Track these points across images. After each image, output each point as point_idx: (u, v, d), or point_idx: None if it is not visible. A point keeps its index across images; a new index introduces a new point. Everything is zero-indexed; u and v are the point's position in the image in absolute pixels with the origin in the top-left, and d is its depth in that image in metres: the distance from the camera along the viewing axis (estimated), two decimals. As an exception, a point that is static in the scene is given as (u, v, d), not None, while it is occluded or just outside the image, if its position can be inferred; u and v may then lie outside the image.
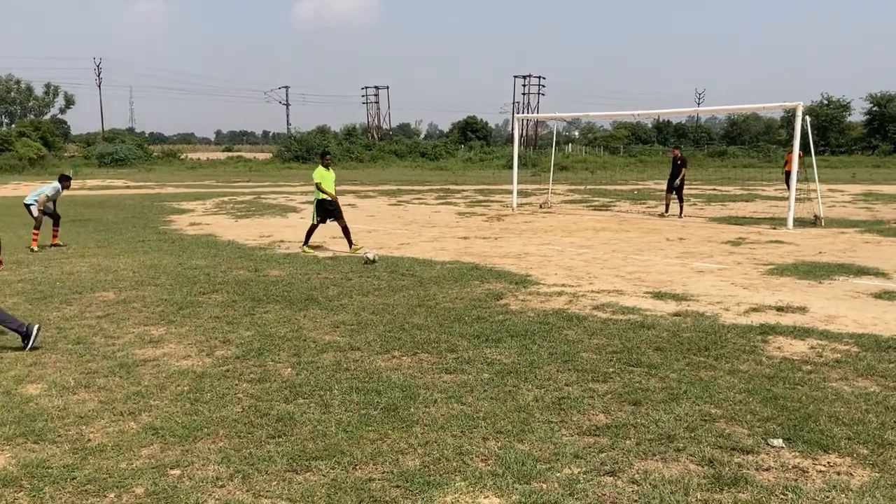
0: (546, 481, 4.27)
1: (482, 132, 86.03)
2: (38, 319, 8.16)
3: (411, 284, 10.14)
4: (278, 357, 6.77)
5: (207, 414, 5.35)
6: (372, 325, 7.87)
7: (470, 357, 6.69)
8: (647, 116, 33.47)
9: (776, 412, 5.31)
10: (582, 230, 17.30)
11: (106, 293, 9.67)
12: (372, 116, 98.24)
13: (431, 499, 4.08)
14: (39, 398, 5.72)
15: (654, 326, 7.78)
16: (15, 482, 4.30)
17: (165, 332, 7.68)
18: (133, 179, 42.63)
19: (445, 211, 22.55)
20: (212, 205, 24.95)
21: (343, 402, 5.57)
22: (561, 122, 45.83)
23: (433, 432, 5.00)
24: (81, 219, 19.66)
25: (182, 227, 17.95)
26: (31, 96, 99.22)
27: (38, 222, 14.04)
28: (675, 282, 10.46)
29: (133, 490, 4.21)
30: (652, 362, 6.51)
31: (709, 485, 4.23)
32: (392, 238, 15.79)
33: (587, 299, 9.23)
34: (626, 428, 5.05)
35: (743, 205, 24.11)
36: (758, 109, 29.77)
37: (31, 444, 4.87)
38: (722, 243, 14.71)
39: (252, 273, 11.14)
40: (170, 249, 13.79)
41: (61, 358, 6.78)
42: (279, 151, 69.11)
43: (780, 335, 7.48)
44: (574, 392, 5.76)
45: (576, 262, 12.42)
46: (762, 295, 9.52)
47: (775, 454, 4.64)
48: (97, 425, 5.18)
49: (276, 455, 4.64)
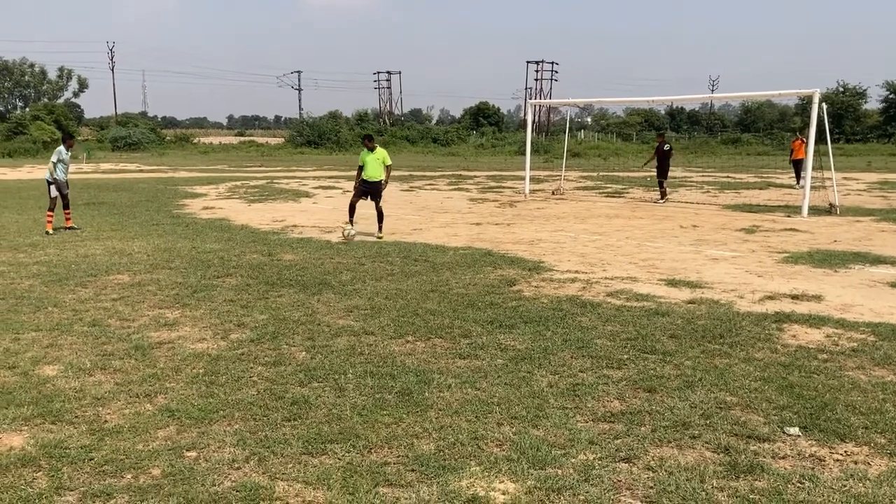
0: (561, 467, 4.27)
1: (494, 118, 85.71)
2: (54, 302, 8.22)
3: (424, 270, 10.14)
4: (293, 341, 6.78)
5: (223, 396, 5.37)
6: (385, 310, 7.87)
7: (483, 343, 6.69)
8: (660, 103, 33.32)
9: (792, 400, 5.29)
10: (595, 217, 17.23)
11: (121, 276, 9.71)
12: (384, 102, 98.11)
13: (446, 483, 4.09)
14: (56, 379, 5.75)
15: (668, 314, 7.75)
16: (33, 462, 4.34)
17: (180, 315, 7.71)
18: (146, 163, 42.77)
19: (457, 197, 22.51)
20: (225, 189, 25.00)
21: (357, 386, 5.58)
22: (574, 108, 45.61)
23: (448, 417, 5.00)
24: (95, 202, 19.74)
25: (195, 211, 17.99)
26: (45, 80, 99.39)
27: (52, 204, 14.07)
28: (689, 269, 10.41)
29: (150, 471, 4.24)
30: (666, 349, 6.49)
31: (725, 472, 4.21)
32: (404, 224, 15.78)
33: (601, 286, 9.20)
34: (641, 415, 5.04)
35: (757, 192, 23.95)
36: (772, 96, 29.48)
37: (48, 424, 4.90)
38: (736, 231, 14.63)
39: (266, 257, 11.17)
40: (183, 233, 13.83)
41: (77, 340, 6.82)
42: (291, 136, 69.08)
43: (795, 323, 7.44)
44: (588, 378, 5.75)
45: (589, 248, 12.39)
46: (777, 283, 9.47)
47: (792, 442, 4.62)
48: (113, 407, 5.21)
49: (291, 438, 4.65)
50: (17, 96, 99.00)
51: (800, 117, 71.57)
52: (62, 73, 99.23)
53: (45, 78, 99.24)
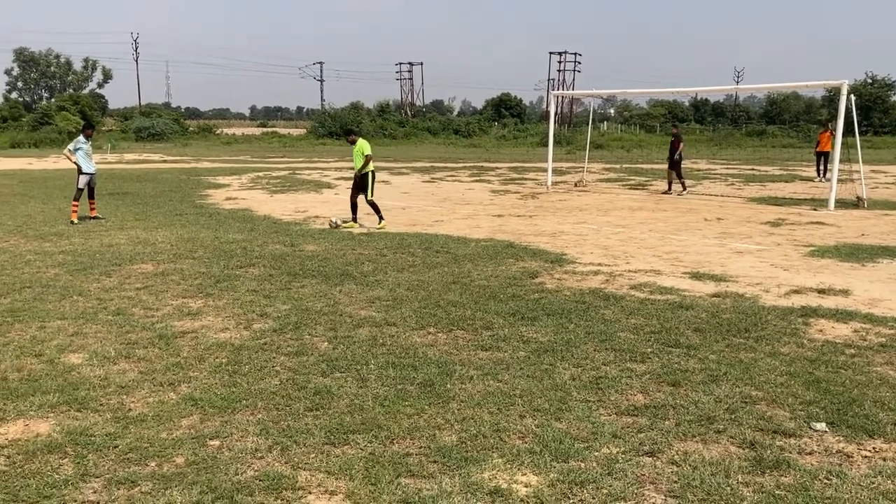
0: (584, 460, 4.24)
1: (516, 109, 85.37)
2: (79, 291, 8.30)
3: (446, 261, 10.12)
4: (315, 331, 6.80)
5: (246, 386, 5.40)
6: (407, 301, 7.87)
7: (506, 335, 6.67)
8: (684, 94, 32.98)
9: (819, 396, 5.22)
10: (618, 209, 17.12)
11: (144, 265, 9.78)
12: (405, 93, 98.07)
13: (468, 475, 4.07)
14: (81, 367, 5.81)
15: (692, 307, 7.68)
16: (59, 449, 4.38)
17: (203, 305, 7.75)
18: (169, 154, 43.06)
19: (479, 188, 22.46)
20: (247, 180, 25.11)
21: (379, 377, 5.58)
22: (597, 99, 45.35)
23: (470, 409, 4.99)
24: (120, 192, 19.91)
25: (218, 202, 18.09)
26: (70, 71, 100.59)
27: (78, 194, 14.20)
28: (713, 262, 10.32)
29: (173, 459, 4.26)
30: (691, 343, 6.44)
31: (750, 467, 4.17)
32: (426, 215, 15.77)
33: (624, 279, 9.14)
34: (665, 408, 5.00)
35: (782, 185, 23.68)
36: (799, 88, 29.14)
37: (74, 412, 4.94)
38: (761, 224, 14.47)
39: (288, 248, 11.20)
40: (207, 223, 13.91)
41: (102, 329, 6.88)
42: (313, 127, 69.27)
43: (821, 318, 7.34)
44: (612, 372, 5.71)
45: (612, 241, 12.31)
46: (803, 277, 9.35)
47: (818, 438, 4.56)
48: (138, 395, 5.24)
49: (314, 428, 4.66)
50: (43, 87, 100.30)
51: (827, 109, 70.68)
52: (87, 64, 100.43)
53: (70, 69, 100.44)
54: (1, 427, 4.70)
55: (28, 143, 50.17)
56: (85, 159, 14.34)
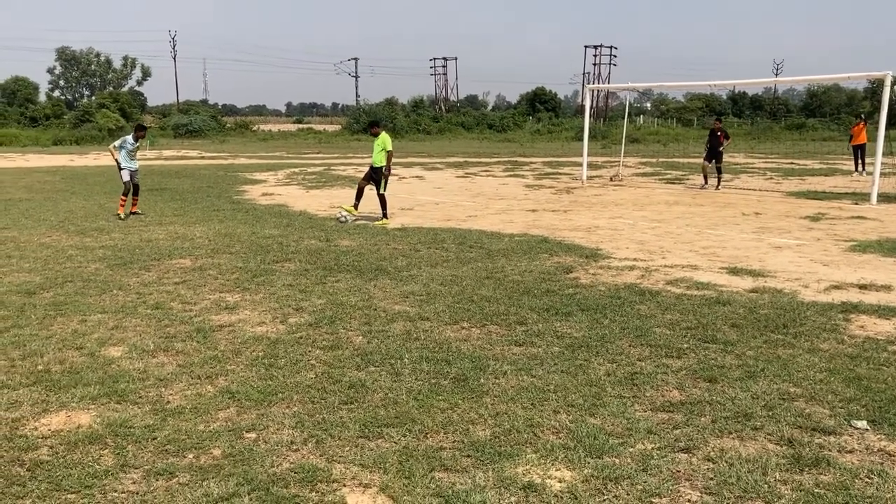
0: (619, 456, 4.22)
1: (551, 104, 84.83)
2: (119, 285, 8.44)
3: (479, 256, 10.11)
4: (350, 325, 6.84)
5: (282, 379, 5.45)
6: (441, 296, 7.88)
7: (539, 330, 6.65)
8: (722, 87, 32.49)
9: (860, 393, 5.12)
10: (654, 204, 16.96)
11: (183, 260, 9.92)
12: (440, 88, 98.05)
13: (502, 469, 4.07)
14: (121, 360, 5.91)
15: (729, 302, 7.58)
16: (100, 440, 4.47)
17: (240, 299, 7.84)
18: (207, 150, 43.59)
19: (513, 183, 22.39)
20: (283, 176, 25.32)
21: (413, 371, 5.60)
22: (633, 93, 44.95)
23: (503, 403, 4.99)
24: (158, 188, 20.20)
25: (255, 197, 18.27)
26: (110, 69, 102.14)
27: (125, 189, 14.40)
28: (751, 257, 10.17)
29: (211, 451, 4.32)
30: (728, 339, 6.36)
31: (788, 465, 4.11)
32: (460, 210, 15.76)
33: (660, 274, 9.06)
34: (701, 405, 4.94)
35: (822, 179, 23.27)
36: (840, 80, 28.59)
37: (114, 404, 5.04)
38: (800, 218, 14.24)
39: (323, 243, 11.28)
40: (243, 219, 14.06)
41: (141, 322, 6.99)
42: (348, 123, 69.59)
43: (862, 314, 7.20)
44: (647, 367, 5.67)
45: (648, 236, 12.20)
46: (843, 272, 9.18)
47: (859, 436, 4.48)
48: (176, 388, 5.33)
49: (348, 421, 4.70)
50: (84, 85, 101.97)
51: (869, 101, 69.24)
52: (126, 62, 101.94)
53: (110, 67, 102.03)
54: (44, 418, 4.81)
55: (70, 140, 51.07)
56: (125, 157, 14.58)
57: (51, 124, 60.61)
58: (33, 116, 63.28)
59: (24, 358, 5.95)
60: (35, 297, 7.91)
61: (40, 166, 29.44)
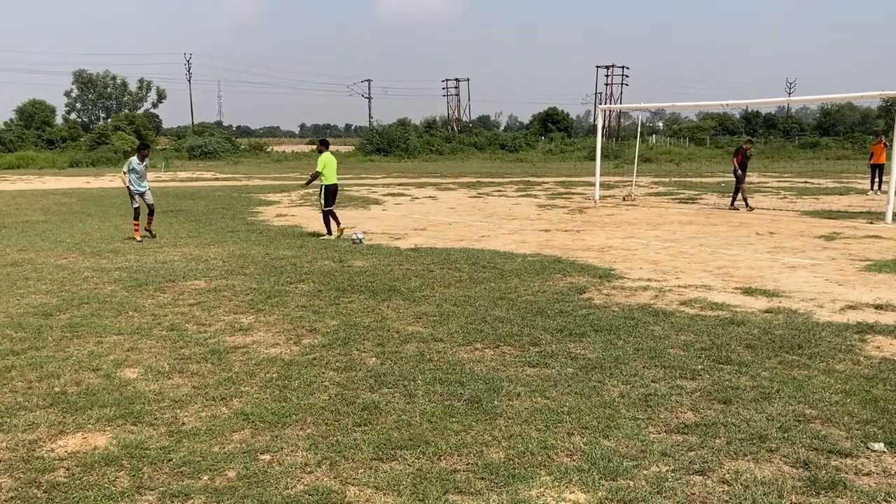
0: (633, 478, 4.20)
1: (563, 123, 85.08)
2: (134, 306, 8.51)
3: (492, 277, 10.13)
4: (363, 346, 6.86)
5: (296, 401, 5.47)
6: (454, 317, 7.89)
7: (553, 351, 6.64)
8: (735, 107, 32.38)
9: (876, 415, 5.09)
10: (667, 223, 16.94)
11: (197, 282, 9.99)
12: (452, 108, 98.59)
13: (516, 492, 4.07)
14: (137, 382, 5.95)
15: (744, 323, 7.55)
16: (116, 461, 4.50)
17: (254, 321, 7.88)
18: (221, 171, 43.89)
19: (526, 203, 22.42)
20: (297, 197, 25.45)
21: (427, 393, 5.61)
22: (645, 112, 45.01)
23: (517, 425, 4.98)
24: (173, 209, 20.36)
25: (269, 219, 18.38)
26: (126, 91, 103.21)
27: (136, 213, 14.45)
28: (765, 277, 10.13)
29: (225, 473, 4.34)
30: (742, 360, 6.33)
31: (804, 487, 4.08)
32: (472, 230, 15.80)
33: (674, 294, 9.04)
34: (715, 427, 4.92)
35: (836, 198, 23.16)
36: (854, 98, 28.51)
37: (129, 425, 5.07)
38: (815, 238, 14.18)
39: (336, 264, 11.33)
40: (257, 240, 14.14)
41: (156, 344, 7.04)
42: (361, 144, 69.95)
43: (879, 334, 7.16)
44: (661, 389, 5.65)
45: (661, 256, 12.18)
46: (859, 292, 9.13)
47: (876, 458, 4.45)
48: (191, 409, 5.35)
49: (362, 443, 4.71)
50: (100, 108, 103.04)
51: (884, 119, 68.97)
52: (142, 85, 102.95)
53: (126, 90, 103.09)
54: (60, 440, 4.85)
55: (86, 162, 51.57)
56: (136, 181, 14.54)
57: (67, 147, 61.23)
58: (50, 139, 63.98)
59: (41, 379, 6.00)
60: (52, 318, 7.98)
61: (57, 188, 29.75)
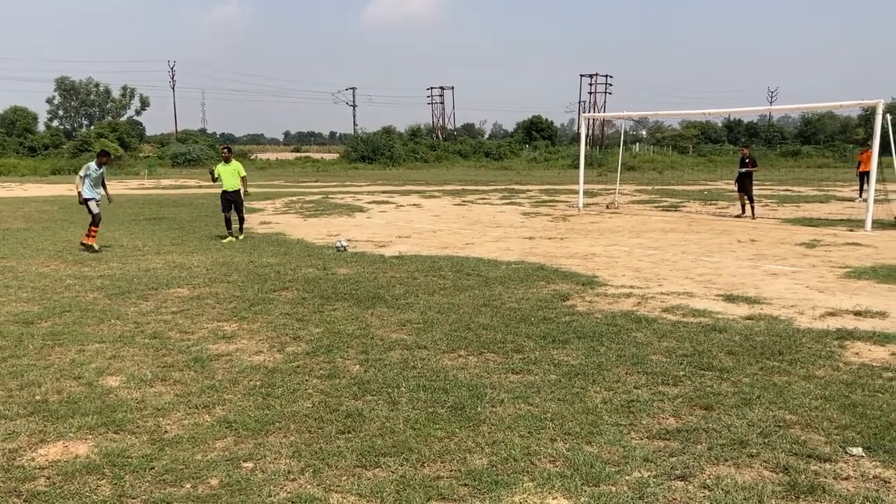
0: (615, 484, 4.23)
1: (547, 132, 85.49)
2: (117, 314, 8.46)
3: (476, 284, 10.15)
4: (347, 354, 6.86)
5: (279, 408, 5.46)
6: (438, 324, 7.90)
7: (536, 358, 6.67)
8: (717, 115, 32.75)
9: (855, 420, 5.15)
10: (650, 231, 17.04)
11: (180, 289, 9.95)
12: (437, 117, 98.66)
13: (499, 498, 4.08)
14: (119, 390, 5.92)
15: (725, 330, 7.62)
16: (97, 470, 4.47)
17: (238, 328, 7.86)
18: (205, 179, 43.65)
19: (510, 211, 22.49)
20: (281, 204, 25.41)
21: (410, 400, 5.61)
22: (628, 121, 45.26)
23: (500, 432, 5.00)
24: (157, 217, 20.26)
25: (253, 226, 18.32)
26: (109, 98, 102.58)
27: (95, 219, 13.96)
28: (747, 284, 10.22)
29: (208, 481, 4.33)
30: (724, 366, 6.38)
31: (784, 492, 4.12)
32: (457, 238, 15.83)
33: (656, 301, 9.10)
34: (697, 432, 4.96)
35: (817, 206, 23.40)
36: (834, 108, 28.80)
37: (111, 433, 5.04)
38: (796, 245, 14.31)
39: (321, 271, 11.32)
40: (241, 247, 14.11)
41: (139, 352, 7.01)
42: (346, 152, 69.93)
43: (858, 340, 7.24)
44: (643, 395, 5.69)
45: (644, 263, 12.25)
46: (839, 299, 9.23)
47: (854, 463, 4.50)
48: (173, 417, 5.33)
49: (345, 450, 4.70)
50: (83, 115, 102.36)
51: (863, 128, 69.75)
52: (125, 92, 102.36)
53: (109, 97, 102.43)
54: (41, 448, 4.82)
55: (68, 169, 51.07)
56: (89, 187, 14.07)
57: (49, 154, 60.87)
58: (32, 146, 63.56)
59: (21, 388, 5.96)
60: (33, 326, 7.93)
61: (39, 196, 29.54)
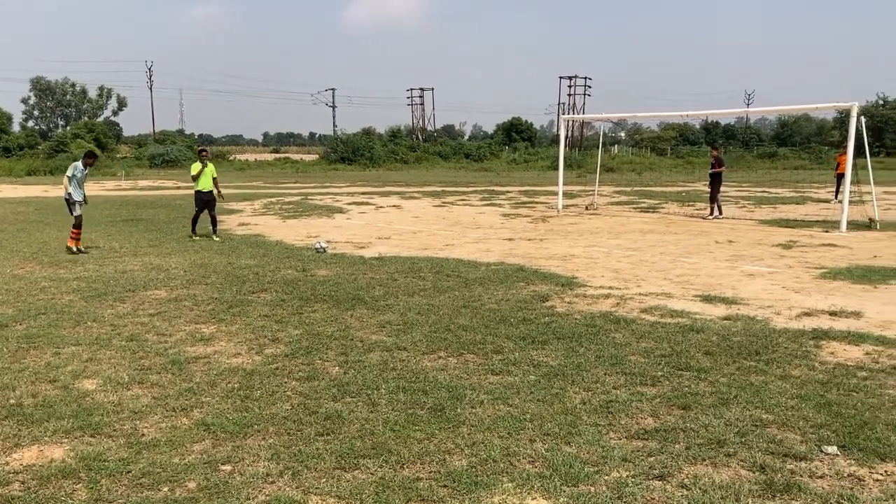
0: (594, 484, 4.25)
1: (527, 133, 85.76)
2: (93, 317, 8.38)
3: (456, 285, 10.16)
4: (326, 356, 6.84)
5: (257, 411, 5.43)
6: (418, 326, 7.90)
7: (516, 359, 6.68)
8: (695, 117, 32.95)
9: (830, 419, 5.20)
10: (629, 232, 17.14)
11: (158, 291, 9.87)
12: (417, 118, 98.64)
13: (479, 499, 4.09)
14: (95, 393, 5.86)
15: (703, 330, 7.68)
16: (73, 474, 4.42)
17: (216, 331, 7.81)
18: (183, 180, 43.31)
19: (490, 212, 22.53)
20: (260, 205, 25.29)
21: (390, 402, 5.61)
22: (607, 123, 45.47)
23: (480, 433, 5.00)
24: (134, 219, 20.09)
25: (231, 227, 18.23)
26: (86, 99, 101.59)
27: (78, 221, 13.85)
28: (724, 285, 10.30)
29: (186, 484, 4.30)
30: (701, 366, 6.43)
31: (760, 491, 4.16)
32: (437, 239, 15.83)
33: (635, 302, 9.15)
34: (675, 432, 4.99)
35: (794, 207, 23.64)
36: (810, 110, 29.15)
37: (87, 437, 4.99)
38: (772, 246, 14.45)
39: (300, 273, 11.27)
40: (219, 249, 14.02)
41: (116, 354, 6.94)
42: (325, 153, 69.70)
43: (833, 340, 7.32)
44: (622, 395, 5.72)
45: (623, 264, 12.32)
46: (814, 299, 9.33)
47: (829, 461, 4.55)
48: (151, 420, 5.29)
49: (324, 452, 4.69)
50: (59, 115, 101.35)
51: (839, 131, 70.59)
52: (102, 92, 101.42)
53: (85, 97, 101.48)
54: (16, 452, 4.76)
55: (44, 170, 50.59)
56: (76, 188, 13.99)
57: (24, 155, 60.11)
58: (6, 147, 62.75)
59: (-5, 392, 5.88)
60: (7, 329, 7.83)
61: (13, 197, 29.18)
